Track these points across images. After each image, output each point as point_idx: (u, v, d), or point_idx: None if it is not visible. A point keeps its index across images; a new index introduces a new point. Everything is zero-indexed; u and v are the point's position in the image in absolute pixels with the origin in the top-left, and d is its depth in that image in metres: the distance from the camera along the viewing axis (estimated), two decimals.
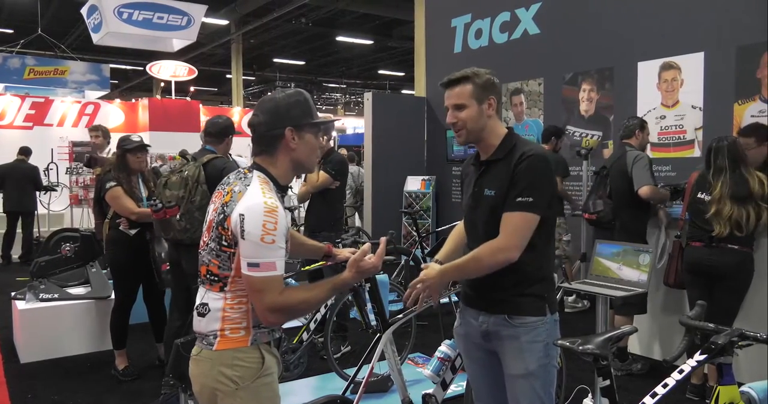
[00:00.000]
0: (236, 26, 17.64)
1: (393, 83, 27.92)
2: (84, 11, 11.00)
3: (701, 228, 3.58)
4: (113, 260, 4.13)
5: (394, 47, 20.33)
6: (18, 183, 8.41)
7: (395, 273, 5.99)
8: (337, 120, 16.62)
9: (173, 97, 14.76)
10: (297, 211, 8.60)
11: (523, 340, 1.99)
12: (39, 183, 8.66)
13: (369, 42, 19.65)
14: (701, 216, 3.56)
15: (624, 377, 4.02)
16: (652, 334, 4.43)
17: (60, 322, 4.55)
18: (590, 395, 3.30)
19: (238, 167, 2.26)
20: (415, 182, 7.96)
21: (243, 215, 1.62)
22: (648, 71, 5.48)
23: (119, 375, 4.11)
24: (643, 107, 5.54)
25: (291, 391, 3.68)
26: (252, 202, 1.64)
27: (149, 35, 10.77)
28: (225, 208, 1.69)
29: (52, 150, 10.33)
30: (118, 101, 14.31)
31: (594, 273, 3.34)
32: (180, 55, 15.13)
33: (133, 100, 13.83)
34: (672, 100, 5.32)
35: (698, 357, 1.96)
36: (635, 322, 4.18)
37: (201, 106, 13.82)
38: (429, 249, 6.56)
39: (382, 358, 2.97)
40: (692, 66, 5.13)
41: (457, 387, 3.34)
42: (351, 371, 3.43)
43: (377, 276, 3.24)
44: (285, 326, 1.83)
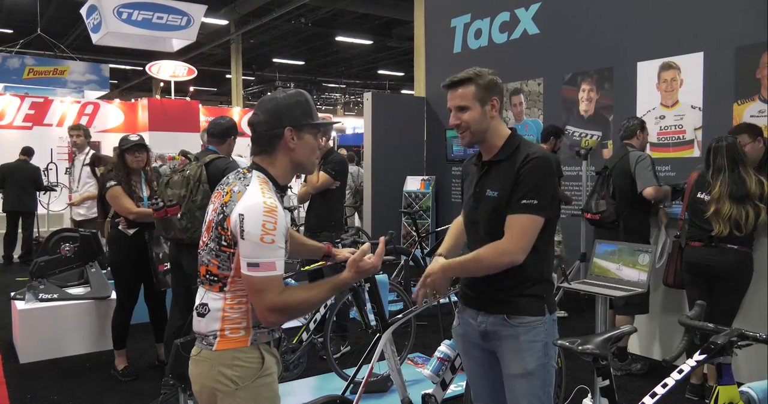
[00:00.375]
0: (236, 26, 17.66)
1: (392, 83, 27.94)
2: (83, 11, 11.00)
3: (701, 228, 3.58)
4: (113, 259, 4.15)
5: (394, 47, 20.34)
6: (19, 183, 8.41)
7: (395, 273, 5.99)
8: (338, 122, 16.60)
9: (173, 97, 14.77)
10: (297, 211, 8.60)
11: (522, 340, 1.99)
12: (40, 183, 8.67)
13: (368, 42, 19.67)
14: (701, 216, 3.57)
15: (623, 377, 4.02)
16: (652, 334, 4.43)
17: (59, 322, 4.54)
18: (590, 395, 3.29)
19: (239, 167, 2.26)
20: (415, 182, 7.97)
21: (242, 215, 1.62)
22: (647, 71, 5.48)
23: (118, 375, 4.11)
24: (643, 107, 5.54)
25: (291, 391, 3.68)
26: (251, 202, 1.64)
27: (149, 35, 10.78)
28: (224, 208, 1.69)
29: (52, 150, 10.33)
30: (118, 101, 14.30)
31: (593, 273, 3.34)
32: (179, 55, 15.15)
33: (133, 100, 13.84)
34: (671, 100, 5.32)
35: (698, 357, 1.96)
36: (636, 322, 4.19)
37: (200, 106, 13.83)
38: (428, 249, 6.56)
39: (382, 358, 2.97)
40: (692, 66, 5.14)
41: (457, 387, 3.35)
42: (350, 371, 3.43)
43: (377, 276, 3.24)
44: (285, 326, 1.83)
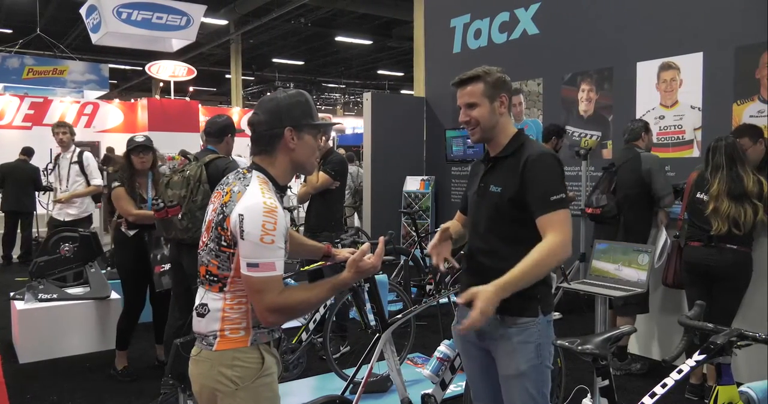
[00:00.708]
0: (235, 26, 17.66)
1: (392, 83, 27.95)
2: (83, 11, 11.00)
3: (700, 228, 3.59)
4: (117, 260, 4.25)
5: (394, 47, 20.35)
6: (18, 183, 8.41)
7: (394, 273, 5.99)
8: (338, 123, 16.57)
9: (172, 97, 14.76)
10: (296, 211, 8.60)
11: (515, 341, 1.99)
12: (39, 183, 8.66)
13: (368, 42, 19.67)
14: (700, 216, 3.57)
15: (623, 377, 4.02)
16: (651, 334, 4.44)
17: (59, 322, 4.54)
18: (589, 395, 3.30)
19: (239, 167, 2.26)
20: (414, 182, 7.97)
21: (242, 215, 1.62)
22: (647, 71, 5.48)
23: (118, 375, 4.11)
24: (642, 107, 5.54)
25: (290, 391, 3.68)
26: (251, 202, 1.64)
27: (148, 35, 10.78)
28: (224, 208, 1.68)
29: (51, 150, 10.29)
30: (117, 101, 14.31)
31: (593, 273, 3.34)
32: (179, 55, 15.14)
33: (132, 100, 13.84)
34: (671, 100, 5.32)
35: (697, 357, 1.96)
36: (636, 322, 4.19)
37: (200, 106, 13.82)
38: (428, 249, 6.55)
39: (382, 358, 2.97)
40: (691, 66, 5.14)
41: (456, 387, 3.35)
42: (350, 371, 3.43)
43: (376, 276, 3.24)
44: (284, 326, 1.83)
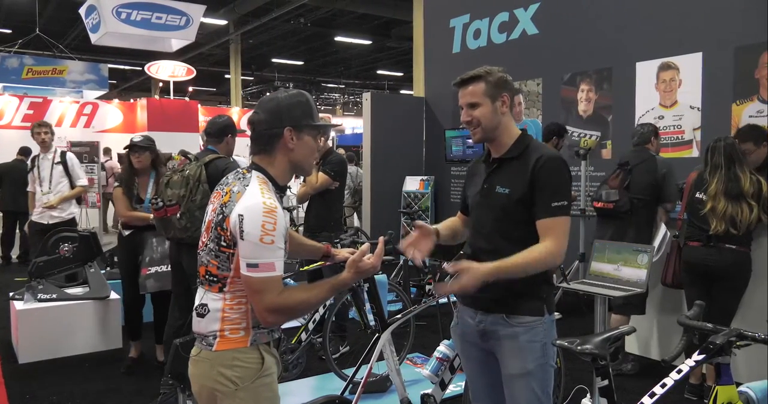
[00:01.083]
0: (235, 26, 17.65)
1: (392, 83, 27.94)
2: (82, 11, 10.99)
3: (699, 227, 3.59)
4: (117, 258, 4.22)
5: (393, 47, 20.34)
6: (16, 183, 8.39)
7: (394, 273, 5.99)
8: (338, 125, 16.54)
9: (172, 97, 14.76)
10: (296, 211, 8.60)
11: (522, 340, 1.99)
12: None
13: (368, 42, 19.66)
14: (699, 215, 3.58)
15: (622, 377, 4.02)
16: (650, 334, 4.44)
17: (58, 323, 4.54)
18: (589, 395, 3.30)
19: (239, 167, 2.26)
20: (414, 182, 7.97)
21: (242, 215, 1.62)
22: (646, 71, 5.49)
23: (124, 365, 4.24)
24: (642, 107, 5.54)
25: (290, 391, 3.68)
26: (251, 203, 1.64)
27: (148, 35, 10.77)
28: (224, 209, 1.68)
29: None
30: (117, 101, 14.30)
31: (592, 273, 3.34)
32: (178, 55, 15.14)
33: (132, 100, 13.83)
34: (670, 101, 5.33)
35: (696, 357, 1.96)
36: (634, 322, 4.19)
37: (199, 106, 13.81)
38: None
39: (381, 358, 2.97)
40: (691, 66, 5.14)
41: (456, 387, 3.35)
42: (350, 371, 3.43)
43: (376, 276, 3.24)
44: (284, 326, 1.83)
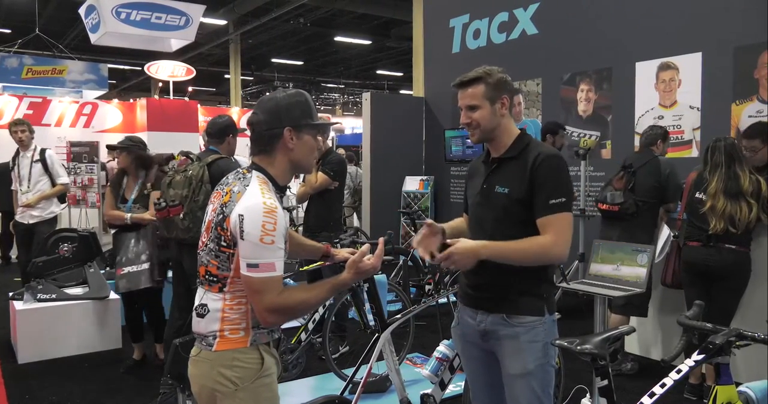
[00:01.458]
0: (234, 26, 17.64)
1: (391, 83, 27.93)
2: (82, 11, 10.98)
3: (699, 227, 3.60)
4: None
5: (393, 47, 20.33)
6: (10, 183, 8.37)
7: (393, 273, 5.99)
8: (337, 123, 16.51)
9: (171, 97, 14.74)
10: (295, 211, 8.60)
11: (523, 340, 1.99)
12: None
13: (367, 42, 19.66)
14: (699, 216, 3.58)
15: (622, 377, 4.02)
16: (650, 334, 4.44)
17: (58, 323, 4.54)
18: (588, 395, 3.30)
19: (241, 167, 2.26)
20: (414, 182, 7.97)
21: (242, 215, 1.62)
22: (646, 71, 5.49)
23: (125, 365, 4.26)
24: (641, 107, 5.55)
25: (289, 391, 3.68)
26: (251, 203, 1.64)
27: (147, 35, 10.75)
28: (224, 209, 1.68)
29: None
30: (116, 101, 14.27)
31: (592, 273, 3.34)
32: (178, 55, 15.13)
33: (131, 100, 13.80)
34: (670, 101, 5.33)
35: (696, 357, 1.96)
36: (633, 322, 4.20)
37: (199, 106, 13.79)
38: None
39: (381, 358, 2.97)
40: (690, 66, 5.14)
41: (456, 387, 3.35)
42: (349, 371, 3.43)
43: (375, 276, 3.24)
44: (283, 326, 1.83)
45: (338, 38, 19.12)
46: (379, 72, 25.54)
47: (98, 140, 10.22)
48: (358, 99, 25.03)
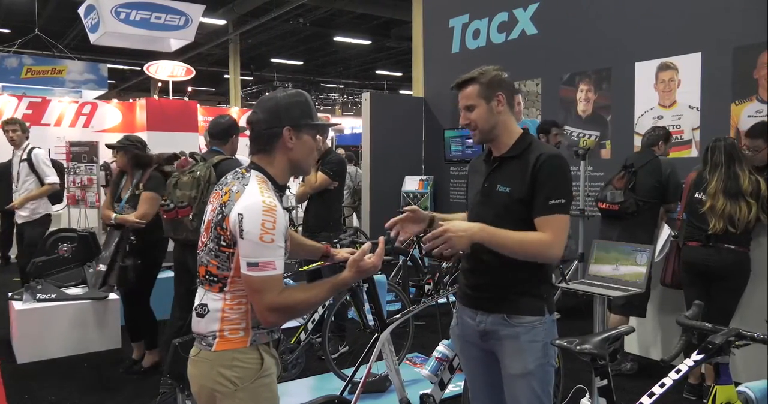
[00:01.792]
0: (234, 26, 17.63)
1: (391, 83, 27.92)
2: (81, 11, 10.97)
3: (698, 227, 3.60)
4: None
5: (392, 47, 20.33)
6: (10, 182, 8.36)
7: (393, 273, 5.99)
8: (337, 124, 16.48)
9: (171, 97, 14.73)
10: (295, 211, 8.60)
11: (523, 340, 1.99)
12: None
13: (367, 42, 19.65)
14: (698, 215, 3.58)
15: (621, 377, 4.03)
16: (650, 334, 4.44)
17: (57, 323, 4.54)
18: (588, 395, 3.30)
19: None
20: (413, 182, 7.97)
21: (241, 215, 1.62)
22: (645, 71, 5.49)
23: (125, 365, 4.26)
24: (641, 107, 5.55)
25: (289, 391, 3.68)
26: (250, 202, 1.64)
27: (147, 35, 10.74)
28: (223, 208, 1.68)
29: (49, 150, 10.28)
30: (116, 101, 14.26)
31: (591, 273, 3.34)
32: (178, 55, 15.11)
33: (131, 100, 13.79)
34: (669, 101, 5.33)
35: (695, 356, 1.96)
36: (633, 322, 4.20)
37: (199, 106, 13.78)
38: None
39: (380, 358, 2.97)
40: (689, 66, 5.14)
41: (455, 387, 3.35)
42: (349, 371, 3.43)
43: (375, 276, 3.24)
44: (283, 326, 1.83)
45: (338, 38, 19.12)
46: (379, 72, 25.53)
47: (97, 140, 10.21)
48: (358, 99, 25.03)
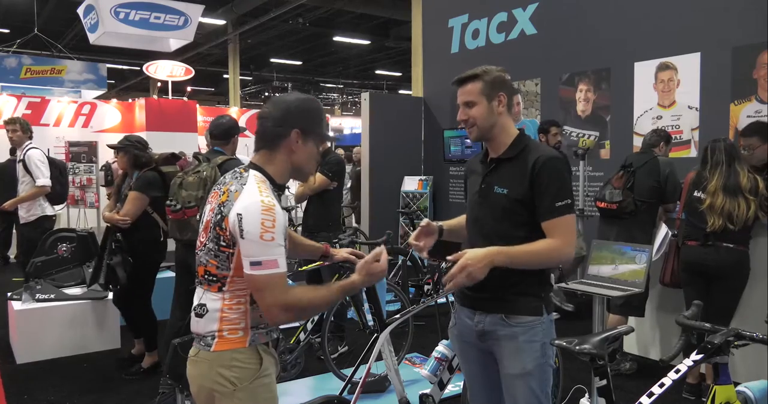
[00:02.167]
0: (233, 26, 17.63)
1: (390, 83, 27.92)
2: (80, 11, 10.96)
3: (697, 227, 3.60)
4: None
5: (391, 47, 20.33)
6: (12, 182, 8.36)
7: (392, 273, 5.98)
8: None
9: (170, 97, 14.73)
10: (294, 212, 8.60)
11: (521, 340, 1.99)
12: None
13: (366, 42, 19.66)
14: (697, 215, 3.59)
15: (620, 376, 4.03)
16: (649, 334, 4.44)
17: (56, 323, 4.54)
18: (587, 395, 3.30)
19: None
20: (413, 182, 7.96)
21: (241, 214, 1.62)
22: (645, 71, 5.49)
23: (124, 361, 4.28)
24: (640, 107, 5.55)
25: (288, 391, 3.68)
26: (249, 201, 1.64)
27: (146, 35, 10.74)
28: (222, 208, 1.68)
29: (49, 150, 10.27)
30: (115, 101, 14.25)
31: (590, 273, 3.35)
32: (177, 55, 15.10)
33: (130, 100, 13.79)
34: (668, 101, 5.33)
35: (695, 356, 1.97)
36: (632, 322, 4.20)
37: (198, 106, 13.78)
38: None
39: (380, 358, 2.97)
40: (689, 66, 5.14)
41: (455, 387, 3.35)
42: (348, 371, 3.43)
43: None
44: (282, 326, 1.82)
45: (337, 38, 19.12)
46: (378, 72, 25.54)
47: (97, 140, 10.22)
48: (357, 99, 25.05)
